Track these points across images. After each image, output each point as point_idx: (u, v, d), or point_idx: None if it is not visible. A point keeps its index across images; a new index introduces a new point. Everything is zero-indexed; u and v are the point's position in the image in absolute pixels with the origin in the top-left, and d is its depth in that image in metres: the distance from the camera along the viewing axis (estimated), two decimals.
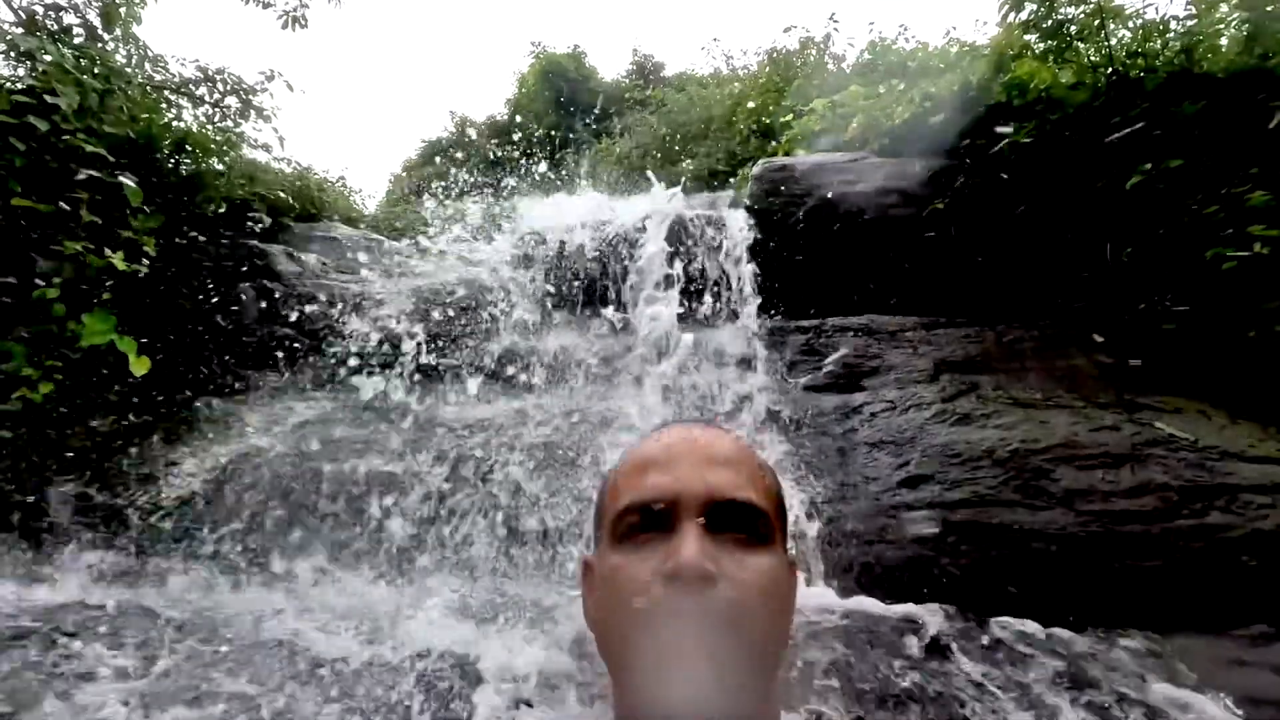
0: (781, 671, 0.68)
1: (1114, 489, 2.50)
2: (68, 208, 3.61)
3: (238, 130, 5.20)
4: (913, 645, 2.02)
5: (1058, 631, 2.10)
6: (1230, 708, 1.78)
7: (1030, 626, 2.13)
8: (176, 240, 4.19)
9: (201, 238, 4.29)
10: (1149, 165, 3.33)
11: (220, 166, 4.78)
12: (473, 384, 3.57)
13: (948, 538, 2.53)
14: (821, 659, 1.87)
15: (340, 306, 3.98)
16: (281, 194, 5.01)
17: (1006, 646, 2.05)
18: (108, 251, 3.78)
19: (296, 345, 3.79)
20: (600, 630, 0.66)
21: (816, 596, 2.36)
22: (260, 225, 4.65)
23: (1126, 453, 2.62)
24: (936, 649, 1.99)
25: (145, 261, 3.84)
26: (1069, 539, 2.40)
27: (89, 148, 3.72)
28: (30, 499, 2.84)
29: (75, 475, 2.97)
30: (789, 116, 6.47)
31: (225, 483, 2.99)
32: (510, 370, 3.67)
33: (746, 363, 3.64)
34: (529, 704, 1.64)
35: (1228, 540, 2.29)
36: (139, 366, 3.66)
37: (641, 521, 0.65)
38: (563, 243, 4.41)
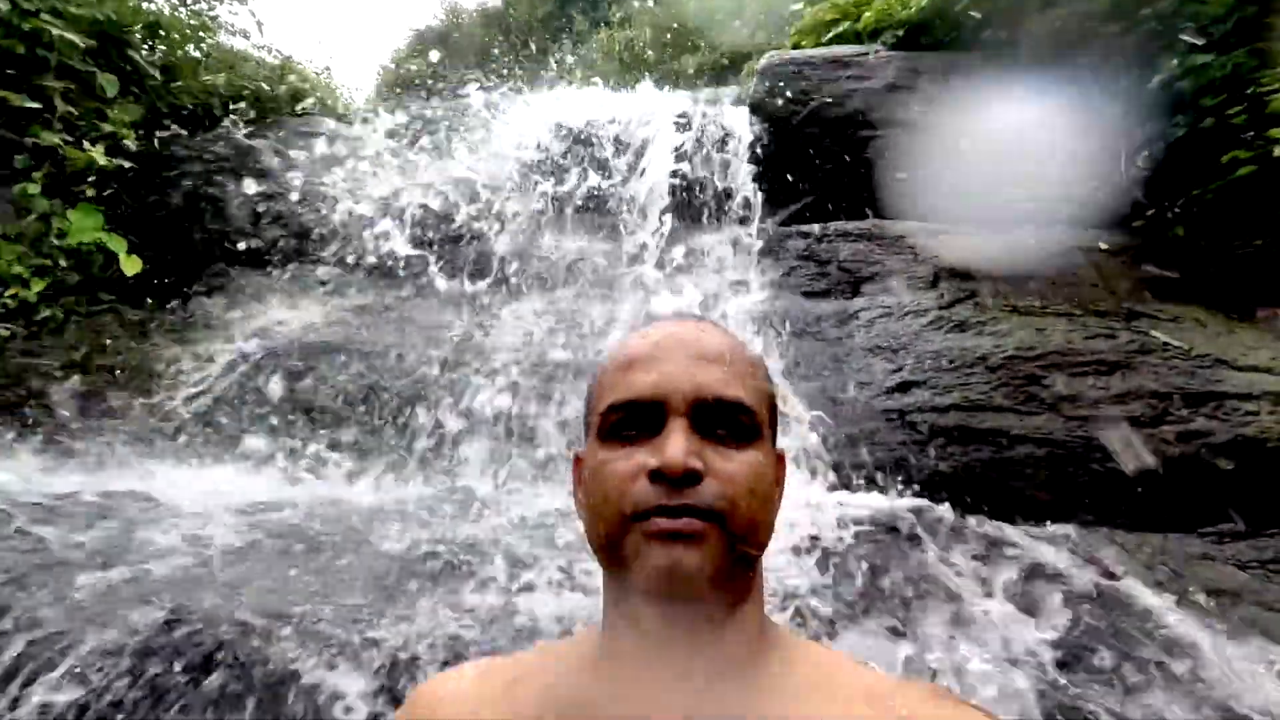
0: (766, 562, 0.71)
1: (1103, 395, 2.54)
2: (38, 105, 3.46)
3: (212, 14, 4.89)
4: (897, 540, 2.10)
5: (1036, 529, 2.19)
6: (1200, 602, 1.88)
7: (1011, 524, 2.21)
8: (157, 134, 4.03)
9: (184, 131, 4.13)
10: (1175, 61, 3.17)
11: (197, 54, 4.53)
12: (467, 285, 3.54)
13: (936, 440, 2.59)
14: (808, 554, 1.95)
15: (333, 205, 3.89)
16: (264, 85, 4.77)
17: (987, 541, 2.13)
18: (87, 145, 3.65)
19: (288, 245, 3.72)
20: (589, 524, 0.68)
21: (807, 494, 2.44)
22: (245, 120, 4.46)
23: (1119, 360, 2.64)
24: (919, 544, 2.08)
25: (126, 157, 3.72)
26: (1055, 443, 2.46)
27: (55, 30, 3.51)
28: (31, 398, 2.88)
29: (76, 374, 3.00)
30: (800, 4, 6.08)
31: (223, 381, 3.02)
32: (508, 273, 3.63)
33: (744, 267, 3.60)
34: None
35: (1209, 445, 2.35)
36: (130, 266, 3.62)
37: (628, 419, 0.65)
38: (560, 149, 4.25)
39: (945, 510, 2.20)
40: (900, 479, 2.54)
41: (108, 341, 3.23)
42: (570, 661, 0.69)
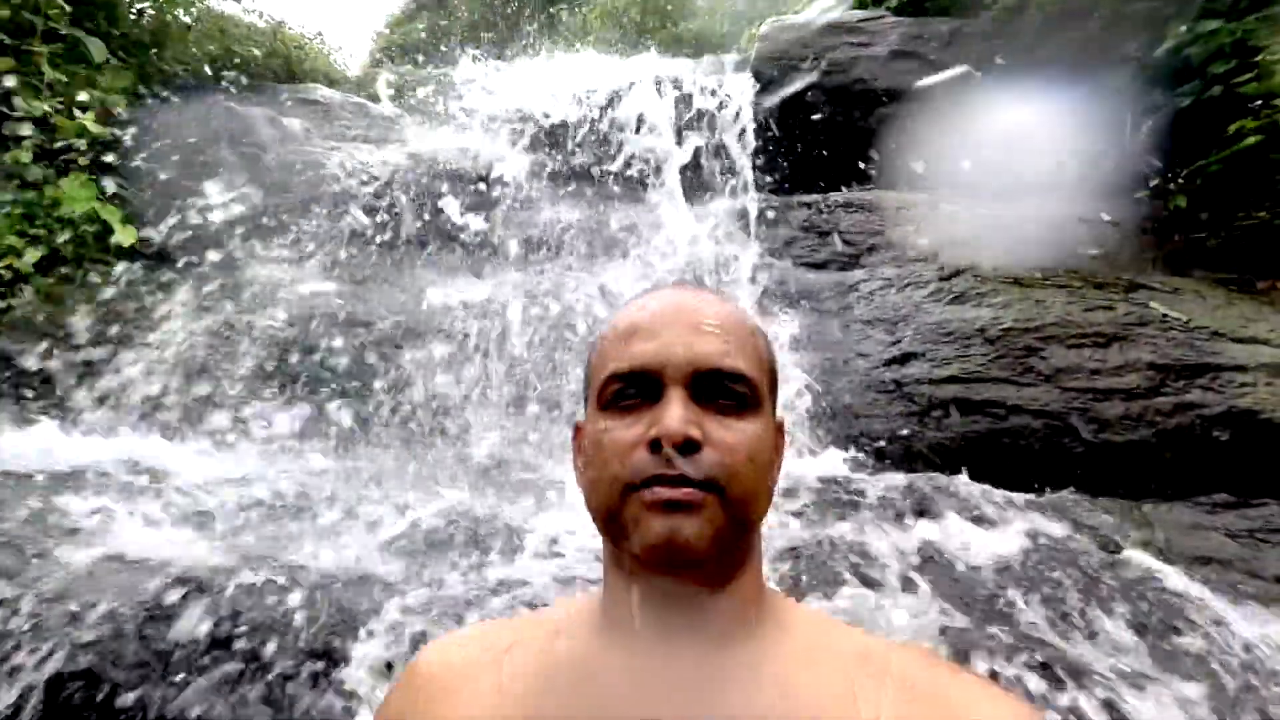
0: (764, 530, 0.71)
1: (1101, 367, 2.55)
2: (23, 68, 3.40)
3: None
4: (892, 512, 2.12)
5: (1033, 498, 2.20)
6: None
7: (1006, 494, 2.23)
8: (148, 102, 3.96)
9: (175, 99, 4.06)
10: (1184, 27, 3.11)
11: (186, 19, 4.44)
12: (464, 256, 3.52)
13: (933, 412, 2.61)
14: (806, 524, 1.98)
15: (326, 173, 3.84)
16: (255, 51, 4.68)
17: (981, 512, 2.15)
18: (77, 113, 3.59)
19: (284, 216, 3.68)
20: (588, 493, 0.68)
21: (805, 466, 2.46)
22: (237, 87, 4.39)
23: (1117, 332, 2.64)
24: (917, 515, 2.10)
25: (117, 125, 3.66)
26: (1051, 414, 2.47)
27: None
28: (28, 369, 2.88)
29: (73, 345, 2.99)
30: None
31: (225, 348, 3.02)
32: (505, 241, 3.60)
33: (744, 238, 3.58)
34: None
35: (1204, 416, 2.37)
36: (125, 236, 3.58)
37: (627, 389, 0.66)
38: (556, 117, 4.18)
39: (940, 479, 2.22)
40: (898, 450, 2.56)
41: (104, 313, 3.21)
42: (569, 627, 0.70)
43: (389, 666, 1.28)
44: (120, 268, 3.41)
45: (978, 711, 0.59)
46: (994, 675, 1.36)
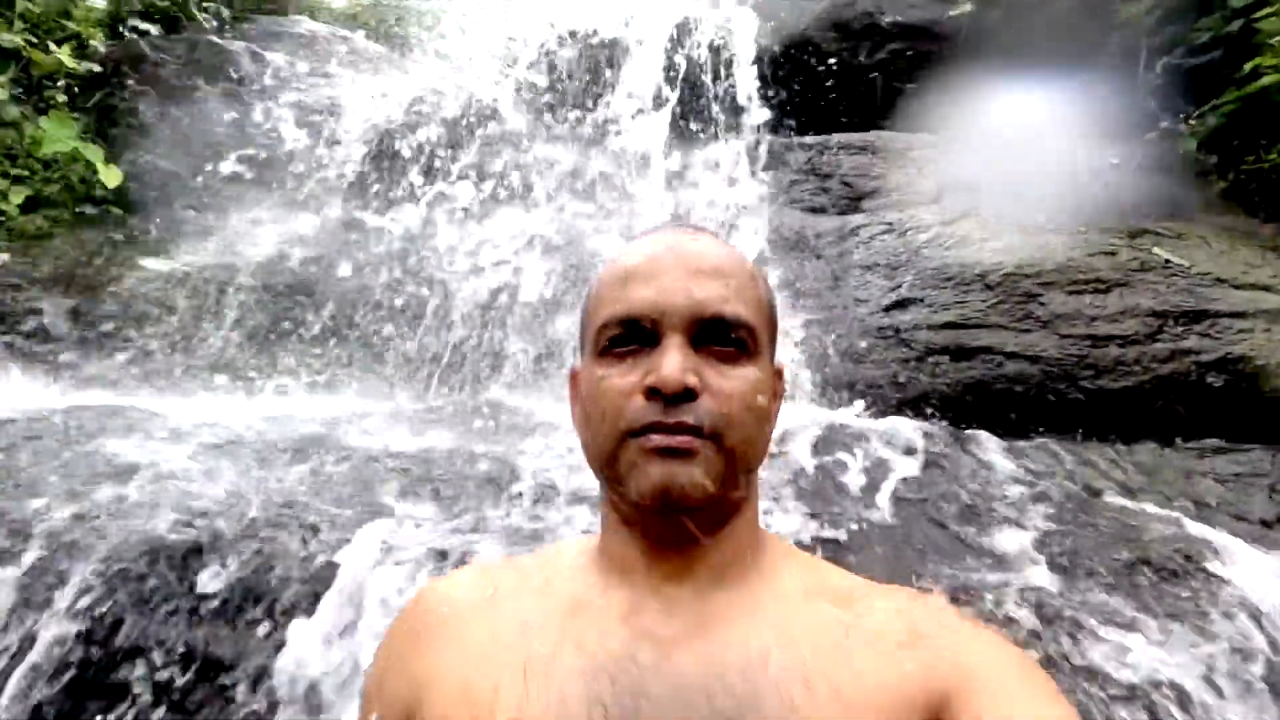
0: (762, 473, 0.72)
1: (1100, 313, 2.54)
2: None
3: None
4: (887, 455, 2.14)
5: (1023, 444, 2.23)
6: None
7: (999, 440, 2.25)
8: (126, 35, 3.81)
9: (153, 30, 3.90)
10: None
11: None
12: (462, 197, 3.45)
13: (930, 359, 2.61)
14: (800, 468, 1.99)
15: (310, 112, 3.72)
16: None
17: (975, 457, 2.18)
18: (53, 47, 3.45)
19: (270, 155, 3.59)
20: (585, 439, 0.68)
21: (801, 411, 2.48)
22: (217, 19, 4.21)
23: (1118, 278, 2.62)
24: (910, 458, 2.13)
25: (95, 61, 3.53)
26: (1047, 360, 2.48)
27: None
28: (20, 314, 2.85)
29: (63, 290, 2.95)
30: None
31: (209, 295, 2.99)
32: (497, 185, 3.52)
33: (742, 181, 3.51)
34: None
35: (1199, 363, 2.37)
36: (110, 177, 3.49)
37: (624, 335, 0.65)
38: (550, 50, 4.03)
39: (933, 426, 2.24)
40: (892, 396, 2.57)
41: (92, 258, 3.16)
42: (569, 568, 0.72)
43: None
44: (105, 210, 3.34)
45: (965, 650, 0.60)
46: (978, 612, 1.40)
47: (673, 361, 0.61)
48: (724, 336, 0.64)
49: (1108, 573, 1.57)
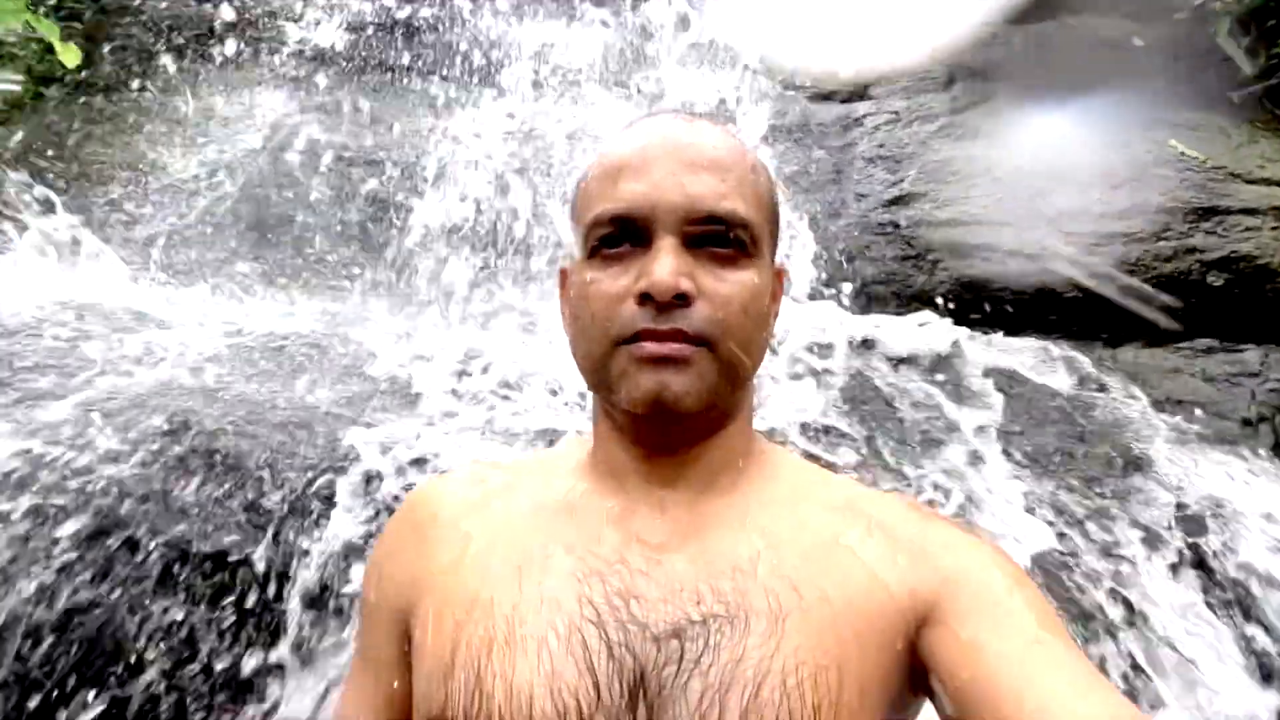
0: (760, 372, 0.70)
1: (1107, 210, 2.47)
2: None
3: None
4: (879, 357, 2.14)
5: (1017, 341, 2.22)
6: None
7: (988, 336, 2.25)
8: None
9: None
10: None
11: None
12: (437, 81, 3.25)
13: (929, 255, 2.56)
14: (795, 371, 1.99)
15: None
16: None
17: (965, 355, 2.18)
18: None
19: (240, 32, 3.34)
20: (574, 344, 0.66)
21: (796, 311, 2.45)
22: None
23: (1130, 173, 2.53)
24: (902, 358, 2.13)
25: None
26: (1049, 258, 2.43)
27: None
28: None
29: (30, 172, 2.83)
30: None
31: (188, 183, 2.87)
32: (475, 68, 3.31)
33: (744, 65, 3.30)
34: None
35: (1202, 261, 2.34)
36: (69, 56, 3.25)
37: (614, 235, 0.61)
38: None
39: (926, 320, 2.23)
40: (888, 293, 2.55)
41: (59, 141, 3.01)
42: (561, 471, 0.72)
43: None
44: (65, 92, 3.14)
45: (957, 561, 0.61)
46: (961, 513, 1.45)
47: (665, 265, 0.57)
48: (721, 236, 0.60)
49: (1087, 469, 1.61)
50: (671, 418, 0.60)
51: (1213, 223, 2.37)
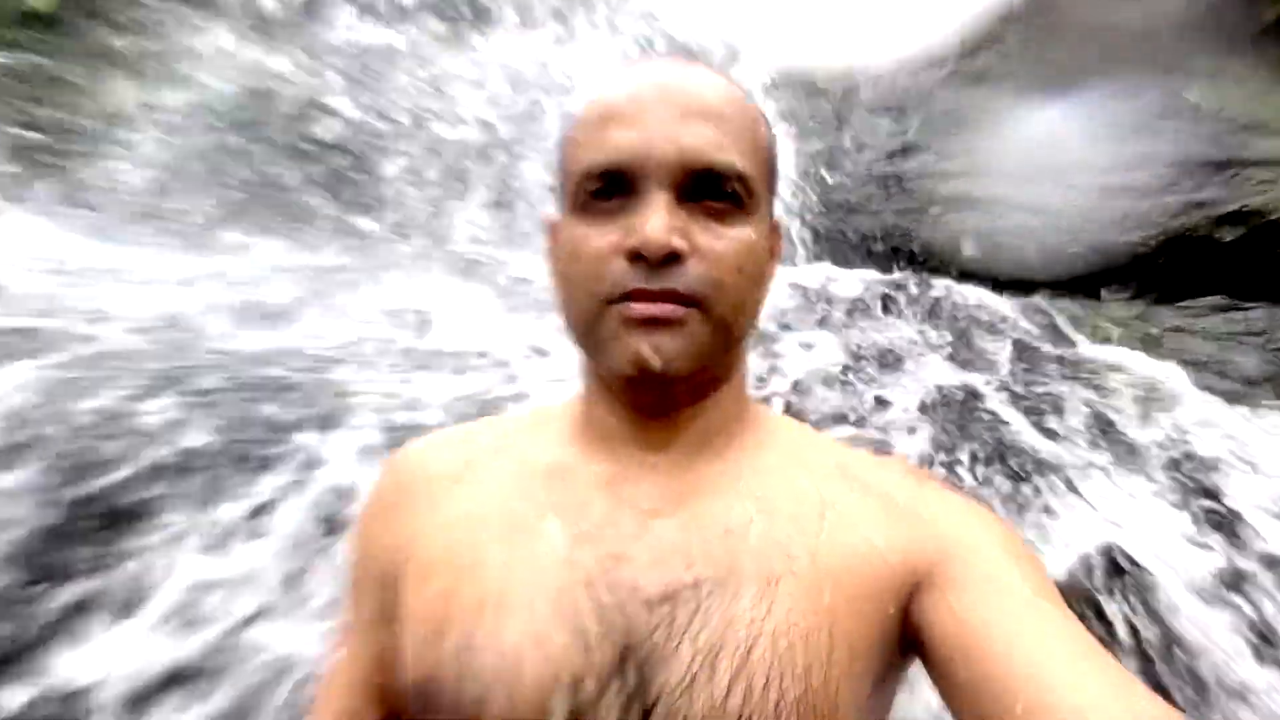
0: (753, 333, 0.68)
1: (1114, 163, 2.41)
2: None
3: None
4: (875, 308, 2.11)
5: (1021, 298, 2.20)
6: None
7: (985, 291, 2.22)
8: None
9: None
10: None
11: None
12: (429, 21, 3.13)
13: (931, 209, 2.51)
14: (790, 325, 1.97)
15: None
16: None
17: (965, 308, 2.15)
18: None
19: None
20: (561, 301, 0.64)
21: (793, 264, 2.42)
22: None
23: (1143, 123, 2.46)
24: (895, 310, 2.10)
25: None
26: (1054, 213, 2.39)
27: None
28: None
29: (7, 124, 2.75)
30: None
31: (175, 133, 2.79)
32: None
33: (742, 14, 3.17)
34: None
35: (1210, 217, 2.29)
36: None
37: (604, 187, 0.58)
38: None
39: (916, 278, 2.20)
40: (885, 249, 2.51)
41: (36, 90, 2.91)
42: (549, 433, 0.70)
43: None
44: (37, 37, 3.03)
45: (949, 522, 0.59)
46: (952, 468, 1.44)
47: (657, 221, 0.54)
48: (716, 189, 0.57)
49: (1079, 425, 1.60)
50: (662, 381, 0.58)
51: (1225, 176, 2.31)
